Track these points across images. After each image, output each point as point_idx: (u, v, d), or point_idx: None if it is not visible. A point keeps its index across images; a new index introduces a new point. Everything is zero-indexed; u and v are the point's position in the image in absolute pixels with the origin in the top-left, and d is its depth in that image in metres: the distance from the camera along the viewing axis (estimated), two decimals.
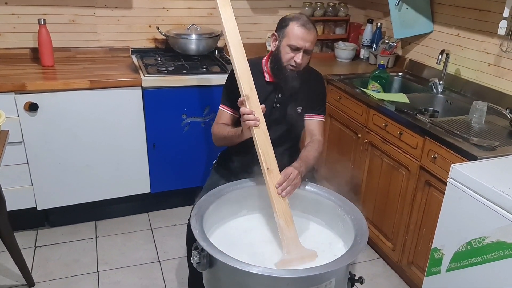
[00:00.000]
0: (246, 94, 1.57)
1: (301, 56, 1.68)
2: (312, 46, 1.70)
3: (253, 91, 1.59)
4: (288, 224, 1.49)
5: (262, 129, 1.56)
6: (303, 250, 1.47)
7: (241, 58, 1.61)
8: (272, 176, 1.53)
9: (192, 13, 2.90)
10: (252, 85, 1.59)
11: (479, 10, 2.32)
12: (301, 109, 1.86)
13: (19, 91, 2.18)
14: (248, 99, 1.57)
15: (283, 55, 1.71)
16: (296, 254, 1.45)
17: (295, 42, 1.66)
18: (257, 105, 1.58)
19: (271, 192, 1.52)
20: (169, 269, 2.29)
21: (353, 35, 3.25)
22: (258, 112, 1.56)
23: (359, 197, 2.47)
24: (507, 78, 2.20)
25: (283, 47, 1.70)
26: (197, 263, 1.34)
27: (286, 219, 1.49)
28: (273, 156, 1.55)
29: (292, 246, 1.47)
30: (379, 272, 2.34)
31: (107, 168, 2.49)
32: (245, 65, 1.60)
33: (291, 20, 1.69)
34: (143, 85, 2.39)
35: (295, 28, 1.66)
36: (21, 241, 2.35)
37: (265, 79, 1.81)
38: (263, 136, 1.56)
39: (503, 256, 1.42)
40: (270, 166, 1.53)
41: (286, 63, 1.71)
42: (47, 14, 2.58)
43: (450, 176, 1.61)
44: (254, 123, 1.54)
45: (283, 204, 1.51)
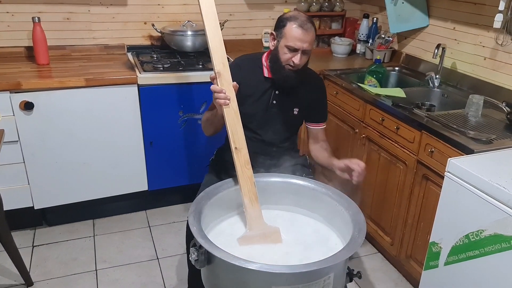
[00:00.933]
0: (218, 71, 1.54)
1: (299, 57, 1.67)
2: (310, 46, 1.68)
3: (226, 67, 1.56)
4: (252, 202, 1.52)
5: (233, 108, 1.55)
6: (266, 227, 1.51)
7: (215, 31, 1.56)
8: (240, 156, 1.54)
9: (187, 10, 2.89)
10: (225, 61, 1.56)
11: (475, 4, 2.32)
12: (297, 110, 1.85)
13: (14, 90, 2.17)
14: (219, 76, 1.54)
15: (281, 55, 1.70)
16: (259, 231, 1.49)
17: (293, 43, 1.65)
18: (228, 82, 1.55)
19: (237, 171, 1.53)
20: (167, 267, 2.29)
21: (349, 30, 3.25)
22: (229, 90, 1.54)
23: (356, 192, 2.47)
24: (503, 72, 2.20)
25: (281, 47, 1.69)
26: (195, 260, 1.34)
27: (250, 197, 1.52)
28: (242, 135, 1.55)
29: (255, 223, 1.50)
30: (377, 266, 2.35)
31: (104, 166, 2.49)
32: (218, 38, 1.56)
33: (289, 20, 1.67)
34: (139, 83, 2.38)
35: (293, 29, 1.65)
36: (19, 241, 2.35)
37: (264, 74, 1.81)
38: (233, 115, 1.54)
39: (500, 249, 1.42)
40: (238, 146, 1.54)
41: (285, 63, 1.70)
42: (41, 12, 2.56)
43: (447, 170, 1.61)
44: (224, 101, 1.52)
45: (249, 183, 1.53)
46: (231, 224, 1.64)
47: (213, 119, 1.75)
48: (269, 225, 1.52)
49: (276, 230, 1.52)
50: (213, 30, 1.56)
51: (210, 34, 1.56)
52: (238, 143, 1.54)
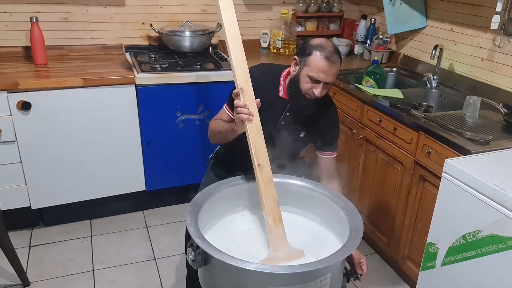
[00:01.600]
0: (241, 87, 1.52)
1: (320, 89, 1.61)
2: (333, 79, 1.62)
3: (249, 84, 1.53)
4: (276, 222, 1.46)
5: (255, 124, 1.52)
6: (290, 248, 1.44)
7: (238, 49, 1.55)
8: (263, 173, 1.50)
9: (185, 10, 2.89)
10: (248, 78, 1.54)
11: (472, 5, 2.32)
12: (304, 134, 1.81)
13: (11, 90, 2.16)
14: (242, 92, 1.52)
15: (302, 84, 1.63)
16: (283, 253, 1.42)
17: (316, 74, 1.59)
18: (252, 99, 1.53)
19: (260, 188, 1.49)
20: (165, 267, 2.29)
21: (347, 31, 3.25)
22: (252, 106, 1.52)
23: (354, 192, 2.48)
24: (500, 73, 2.21)
25: (303, 75, 1.62)
26: (192, 260, 1.34)
27: (274, 217, 1.47)
28: (265, 152, 1.52)
29: (279, 244, 1.44)
30: (374, 267, 2.35)
31: (101, 166, 2.48)
32: (241, 56, 1.55)
33: (316, 49, 1.59)
34: (137, 83, 2.38)
35: (318, 60, 1.58)
36: (16, 241, 2.35)
37: (279, 93, 1.75)
38: (256, 131, 1.52)
39: (497, 249, 1.42)
40: (261, 162, 1.50)
41: (304, 92, 1.64)
42: (39, 12, 2.56)
43: (444, 171, 1.61)
44: (248, 117, 1.49)
45: (272, 202, 1.49)
46: (229, 224, 1.64)
47: (227, 134, 1.69)
48: (293, 247, 1.45)
49: (300, 252, 1.45)
50: (236, 48, 1.55)
51: (233, 53, 1.54)
52: (261, 159, 1.50)
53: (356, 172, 2.44)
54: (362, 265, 1.54)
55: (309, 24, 3.17)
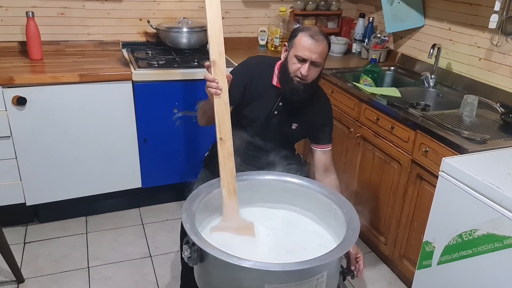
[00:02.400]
0: (213, 60, 1.53)
1: (307, 67, 1.63)
2: (320, 58, 1.64)
3: (222, 56, 1.54)
4: (230, 195, 1.52)
5: (223, 99, 1.53)
6: (241, 220, 1.52)
7: (215, 18, 1.53)
8: (224, 147, 1.53)
9: (183, 7, 2.87)
10: (222, 51, 1.54)
11: (470, 4, 2.32)
12: (296, 126, 1.82)
13: (6, 85, 2.14)
14: (214, 65, 1.53)
15: (290, 65, 1.67)
16: (233, 224, 1.50)
17: (301, 52, 1.62)
18: (222, 72, 1.54)
19: (220, 162, 1.52)
20: (160, 264, 2.28)
21: (345, 29, 3.25)
22: (222, 81, 1.53)
23: (351, 191, 2.47)
24: (498, 72, 2.21)
25: (290, 57, 1.67)
26: (188, 258, 1.33)
27: (229, 189, 1.52)
28: (229, 127, 1.54)
29: (231, 215, 1.51)
30: (371, 265, 2.35)
31: (97, 163, 2.47)
32: (218, 27, 1.53)
33: (301, 31, 1.65)
34: (133, 79, 2.36)
35: (303, 39, 1.62)
36: (10, 237, 2.33)
37: (273, 81, 1.78)
38: (222, 106, 1.53)
39: (493, 248, 1.42)
40: (224, 136, 1.53)
41: (293, 74, 1.66)
42: (35, 7, 2.53)
43: (441, 169, 1.61)
44: (215, 91, 1.51)
45: (229, 175, 1.53)
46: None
47: (206, 108, 1.74)
48: (243, 219, 1.53)
49: (250, 224, 1.52)
50: (214, 17, 1.53)
51: (210, 21, 1.53)
52: (224, 133, 1.53)
53: (353, 171, 2.44)
54: (358, 261, 1.55)
55: (307, 22, 3.16)
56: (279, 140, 1.84)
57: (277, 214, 1.67)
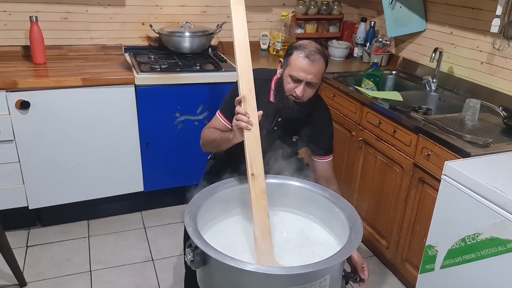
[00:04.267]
0: (244, 95, 1.51)
1: (301, 88, 1.60)
2: (315, 79, 1.61)
3: (252, 93, 1.52)
4: (264, 235, 1.43)
5: (254, 133, 1.49)
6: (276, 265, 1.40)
7: (244, 58, 1.54)
8: (256, 183, 1.47)
9: (185, 11, 2.89)
10: (252, 87, 1.52)
11: (472, 9, 2.33)
12: (296, 138, 1.80)
13: (10, 89, 2.15)
14: (244, 100, 1.51)
15: (285, 84, 1.64)
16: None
17: (296, 73, 1.59)
18: (253, 108, 1.51)
19: (252, 199, 1.47)
20: (162, 268, 2.28)
21: (346, 33, 3.26)
22: (253, 115, 1.50)
23: (353, 194, 2.47)
24: (500, 76, 2.21)
25: (285, 76, 1.64)
26: (191, 261, 1.33)
27: (262, 230, 1.43)
28: (261, 162, 1.49)
29: (265, 259, 1.40)
30: (373, 269, 2.34)
31: (99, 166, 2.47)
32: (247, 65, 1.53)
33: (297, 49, 1.61)
34: (136, 83, 2.37)
35: (298, 59, 1.58)
36: (13, 241, 2.33)
37: (270, 98, 1.75)
38: (253, 140, 1.49)
39: (496, 252, 1.42)
40: (256, 172, 1.48)
41: (288, 93, 1.64)
42: (39, 12, 2.55)
43: (444, 173, 1.61)
44: (246, 125, 1.47)
45: (263, 214, 1.45)
46: (228, 225, 1.63)
47: (221, 143, 1.67)
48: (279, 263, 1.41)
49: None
50: (244, 57, 1.53)
51: (240, 62, 1.53)
52: (255, 169, 1.47)
53: (355, 175, 2.44)
54: (364, 271, 1.54)
55: (309, 26, 3.17)
56: (280, 154, 1.82)
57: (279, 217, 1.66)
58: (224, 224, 1.64)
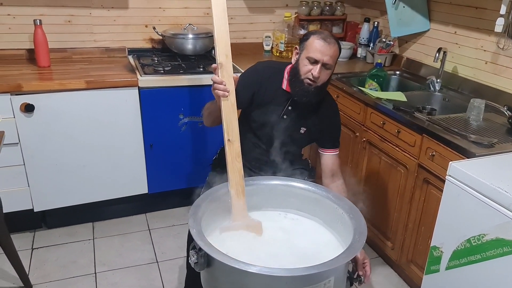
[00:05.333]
0: (220, 62, 1.54)
1: (318, 68, 1.64)
2: (331, 60, 1.66)
3: (229, 59, 1.56)
4: (238, 195, 1.55)
5: (230, 100, 1.56)
6: (249, 220, 1.55)
7: (222, 21, 1.55)
8: (232, 148, 1.55)
9: (188, 13, 2.89)
10: (229, 53, 1.56)
11: (476, 8, 2.32)
12: (304, 130, 1.82)
13: (14, 92, 2.17)
14: (221, 67, 1.54)
15: (301, 67, 1.68)
16: (242, 223, 1.53)
17: (313, 54, 1.64)
18: (229, 74, 1.56)
19: (228, 162, 1.54)
20: (167, 270, 2.28)
21: (350, 34, 3.25)
22: (229, 83, 1.55)
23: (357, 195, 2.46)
24: (505, 76, 2.20)
25: (302, 59, 1.68)
26: (195, 263, 1.33)
27: (237, 190, 1.55)
28: (236, 128, 1.57)
29: (239, 215, 1.54)
30: (378, 271, 2.33)
31: (104, 168, 2.48)
32: (225, 30, 1.55)
33: (313, 34, 1.68)
34: (139, 85, 2.38)
35: (315, 41, 1.64)
36: (18, 243, 2.34)
37: (282, 86, 1.78)
38: (229, 107, 1.56)
39: (502, 253, 1.41)
40: (231, 138, 1.56)
41: (304, 76, 1.67)
42: (43, 15, 2.56)
43: (449, 174, 1.60)
44: (223, 93, 1.54)
45: (238, 176, 1.55)
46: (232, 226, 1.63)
47: (212, 109, 1.77)
48: (252, 218, 1.56)
49: (258, 223, 1.55)
50: (221, 20, 1.55)
51: (216, 24, 1.55)
52: (231, 135, 1.56)
53: (359, 175, 2.43)
54: (365, 266, 1.54)
55: (312, 27, 3.17)
56: (287, 144, 1.84)
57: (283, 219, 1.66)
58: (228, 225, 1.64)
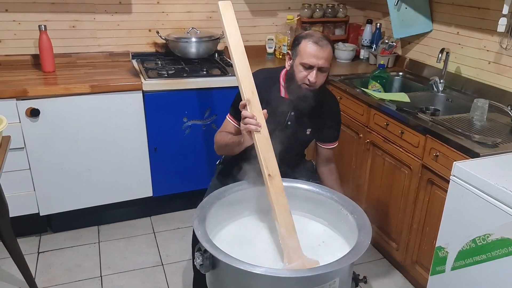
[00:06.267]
0: (248, 98, 1.53)
1: (314, 74, 1.63)
2: (326, 63, 1.65)
3: (255, 95, 1.54)
4: (289, 233, 1.44)
5: (264, 134, 1.52)
6: (305, 259, 1.42)
7: (242, 61, 1.56)
8: (274, 183, 1.49)
9: (191, 17, 2.91)
10: (254, 89, 1.55)
11: (478, 8, 2.32)
12: (310, 131, 1.83)
13: (20, 97, 2.18)
14: (249, 103, 1.53)
15: (297, 74, 1.66)
16: (298, 264, 1.40)
17: (308, 60, 1.62)
18: (258, 110, 1.54)
19: (272, 199, 1.48)
20: (172, 273, 2.29)
21: (352, 35, 3.26)
22: (259, 117, 1.52)
23: (362, 196, 2.46)
24: (508, 75, 2.20)
25: (296, 66, 1.66)
26: (200, 265, 1.34)
27: (287, 228, 1.45)
28: (274, 162, 1.51)
29: (294, 255, 1.42)
30: (383, 272, 2.33)
31: (109, 172, 2.49)
32: (246, 68, 1.56)
33: (304, 38, 1.65)
34: (143, 89, 2.39)
35: (308, 46, 1.62)
36: (24, 247, 2.36)
37: (281, 94, 1.77)
38: (264, 141, 1.51)
39: (507, 253, 1.41)
40: (272, 173, 1.50)
41: (300, 82, 1.66)
42: (47, 21, 2.59)
43: (453, 174, 1.60)
44: (256, 128, 1.50)
45: (285, 212, 1.47)
46: (237, 228, 1.64)
47: (234, 146, 1.70)
48: (308, 257, 1.43)
49: (315, 262, 1.42)
50: (241, 61, 1.56)
51: (238, 66, 1.55)
52: (271, 170, 1.49)
53: (363, 177, 2.43)
54: None
55: (315, 29, 3.17)
56: (293, 148, 1.84)
57: None
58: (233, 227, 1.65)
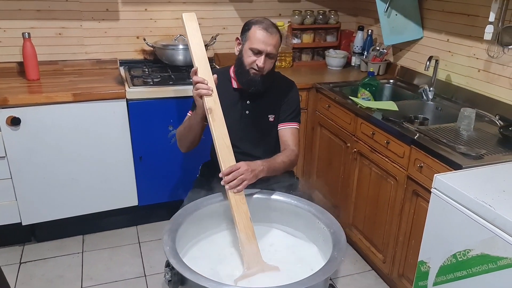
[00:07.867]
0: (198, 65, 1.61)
1: (262, 59, 1.69)
2: (274, 50, 1.71)
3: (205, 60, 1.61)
4: (249, 239, 1.45)
5: (214, 99, 1.59)
6: (265, 265, 1.43)
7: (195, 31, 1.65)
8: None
9: (179, 24, 2.82)
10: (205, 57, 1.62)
11: (468, 15, 2.27)
12: (273, 117, 1.83)
13: (0, 106, 2.16)
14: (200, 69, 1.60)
15: (245, 58, 1.72)
16: (257, 270, 1.41)
17: (257, 45, 1.68)
18: (209, 76, 1.60)
19: (232, 205, 1.48)
20: (154, 284, 2.24)
21: (344, 42, 3.22)
22: (210, 82, 1.58)
23: (350, 206, 2.42)
24: (497, 84, 2.15)
25: (245, 50, 1.72)
26: (169, 281, 1.31)
27: (247, 234, 1.46)
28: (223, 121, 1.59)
29: (253, 261, 1.43)
30: (370, 284, 2.28)
31: (93, 181, 2.46)
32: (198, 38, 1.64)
33: (254, 24, 1.72)
34: (127, 97, 2.36)
35: (257, 32, 1.69)
36: (7, 257, 2.33)
37: (232, 85, 1.83)
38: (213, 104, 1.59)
39: (487, 269, 1.35)
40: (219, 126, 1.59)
41: (249, 66, 1.72)
42: (34, 28, 2.57)
43: (434, 186, 1.55)
44: (207, 91, 1.56)
45: (245, 219, 1.48)
46: (212, 242, 1.60)
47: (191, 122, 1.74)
48: (267, 263, 1.44)
49: (275, 268, 1.43)
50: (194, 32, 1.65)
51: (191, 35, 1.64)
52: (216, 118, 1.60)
53: (351, 187, 2.39)
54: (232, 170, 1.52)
55: (306, 36, 3.14)
56: (260, 139, 1.84)
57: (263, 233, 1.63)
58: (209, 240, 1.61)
